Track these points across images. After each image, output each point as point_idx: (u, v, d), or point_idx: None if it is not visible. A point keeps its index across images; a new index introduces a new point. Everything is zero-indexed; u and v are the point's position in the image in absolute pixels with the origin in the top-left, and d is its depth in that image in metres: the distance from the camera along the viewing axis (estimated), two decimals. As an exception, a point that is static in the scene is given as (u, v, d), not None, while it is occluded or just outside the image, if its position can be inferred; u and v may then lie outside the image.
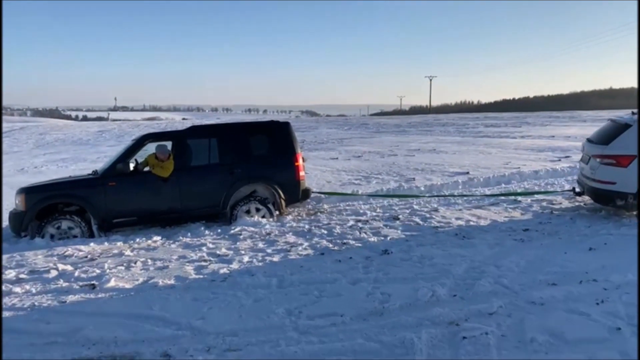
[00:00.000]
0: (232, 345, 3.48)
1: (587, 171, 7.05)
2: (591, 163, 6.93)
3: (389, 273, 4.84)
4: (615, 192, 6.54)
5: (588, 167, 7.04)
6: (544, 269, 4.76)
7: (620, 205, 6.64)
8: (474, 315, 3.78)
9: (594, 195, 6.99)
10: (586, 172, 7.12)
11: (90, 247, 6.30)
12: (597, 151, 6.85)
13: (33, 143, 32.76)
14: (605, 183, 6.64)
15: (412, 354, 3.22)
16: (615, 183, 6.52)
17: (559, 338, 3.34)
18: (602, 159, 6.69)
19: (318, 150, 19.00)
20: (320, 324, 3.75)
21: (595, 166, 6.79)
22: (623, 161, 6.46)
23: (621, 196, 6.50)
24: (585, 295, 4.07)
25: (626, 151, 6.46)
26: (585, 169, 7.22)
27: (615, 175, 6.52)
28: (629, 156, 6.42)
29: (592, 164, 6.88)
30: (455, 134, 26.21)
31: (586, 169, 7.14)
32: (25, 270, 5.38)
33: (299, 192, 7.85)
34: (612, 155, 6.58)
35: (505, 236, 6.11)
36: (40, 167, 18.49)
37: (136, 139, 7.69)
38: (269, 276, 4.88)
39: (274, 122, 8.33)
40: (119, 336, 3.67)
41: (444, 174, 11.70)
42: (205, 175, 7.46)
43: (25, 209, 6.79)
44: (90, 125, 51.63)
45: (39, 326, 3.89)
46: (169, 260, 5.63)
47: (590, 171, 6.93)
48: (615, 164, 6.53)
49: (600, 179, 6.70)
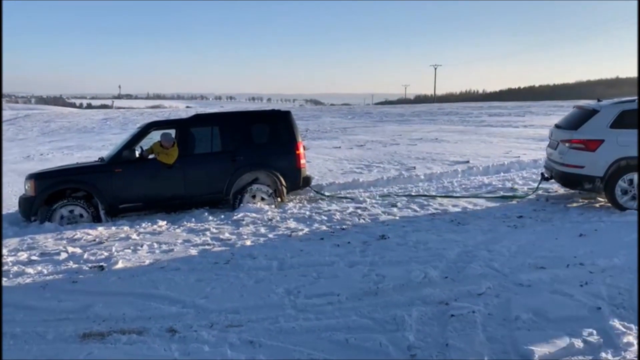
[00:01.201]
0: (234, 321, 3.69)
1: (556, 156, 7.22)
2: (560, 148, 7.10)
3: (384, 257, 5.04)
4: (583, 176, 6.75)
5: (557, 152, 7.20)
6: (534, 253, 4.95)
7: (588, 189, 6.85)
8: (463, 295, 3.97)
9: (562, 179, 7.18)
10: (555, 157, 7.29)
11: (97, 231, 6.53)
12: (565, 136, 7.03)
13: (38, 130, 33.08)
14: (573, 167, 6.83)
15: (402, 329, 3.42)
16: (584, 167, 6.72)
17: (542, 316, 3.54)
18: (570, 144, 6.87)
19: (321, 139, 19.16)
20: (317, 302, 3.96)
21: (564, 151, 6.96)
22: (591, 145, 6.66)
23: (589, 179, 6.71)
24: (571, 277, 4.26)
25: (594, 136, 6.67)
26: (553, 154, 7.38)
27: (584, 159, 6.71)
28: (597, 140, 6.63)
29: (561, 149, 7.05)
30: (459, 123, 26.30)
31: (555, 154, 7.31)
32: (36, 253, 5.62)
33: (300, 179, 8.04)
34: (580, 139, 6.77)
35: (499, 222, 6.30)
36: (46, 155, 18.76)
37: (141, 126, 7.89)
38: (270, 259, 5.09)
39: (275, 111, 8.51)
40: (127, 313, 3.89)
41: (444, 163, 11.86)
42: (208, 163, 7.67)
43: (35, 194, 7.02)
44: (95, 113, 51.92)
45: (52, 304, 4.12)
46: (174, 244, 5.85)
47: (559, 156, 7.10)
48: (584, 148, 6.72)
49: (569, 163, 6.89)
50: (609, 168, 6.56)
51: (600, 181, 6.63)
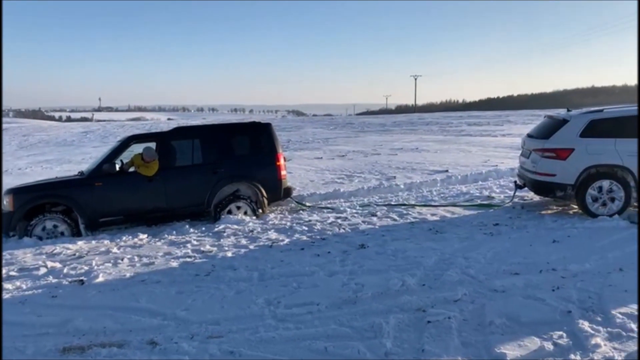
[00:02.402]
0: (215, 332, 3.73)
1: (529, 165, 7.40)
2: (532, 157, 7.29)
3: (363, 265, 5.12)
4: (555, 184, 6.94)
5: (529, 160, 7.39)
6: (508, 260, 5.08)
7: (559, 196, 7.05)
8: (439, 302, 4.07)
9: (534, 187, 7.38)
10: (527, 166, 7.48)
11: (77, 245, 6.50)
12: (537, 145, 7.23)
13: (16, 144, 32.53)
14: (546, 175, 7.02)
15: (380, 337, 3.49)
16: (555, 175, 6.92)
17: (514, 321, 3.65)
18: (542, 152, 7.07)
19: (303, 150, 19.27)
20: (297, 312, 4.02)
21: (537, 159, 7.15)
22: (562, 154, 6.86)
23: (561, 187, 6.91)
24: (544, 282, 4.39)
25: (565, 145, 6.88)
26: (526, 163, 7.57)
27: (556, 167, 6.91)
28: (568, 149, 6.84)
29: (534, 158, 7.24)
30: (439, 133, 26.65)
31: (527, 163, 7.49)
32: (15, 268, 5.57)
33: (281, 190, 8.12)
34: (552, 148, 6.97)
35: (476, 230, 6.43)
36: (24, 169, 18.46)
37: (121, 140, 7.90)
38: (250, 270, 5.13)
39: (255, 123, 8.59)
40: (108, 326, 3.90)
41: (424, 172, 12.04)
42: (189, 175, 7.69)
43: (14, 209, 6.96)
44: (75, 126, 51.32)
45: (31, 319, 4.11)
46: (154, 257, 5.86)
47: (531, 164, 7.29)
48: (555, 157, 6.92)
49: (541, 172, 7.07)
50: (579, 176, 6.75)
51: (571, 189, 6.83)
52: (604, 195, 6.77)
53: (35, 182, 8.06)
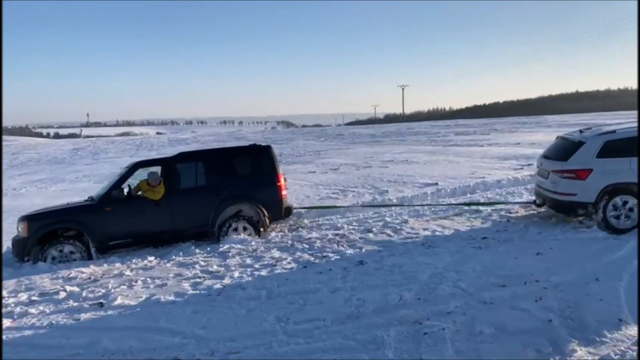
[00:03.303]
0: (232, 349, 4.12)
1: (548, 185, 7.80)
2: (551, 177, 7.69)
3: (363, 281, 5.54)
4: (576, 203, 7.34)
5: (548, 181, 7.79)
6: (496, 272, 5.53)
7: (581, 214, 7.47)
8: (434, 314, 4.50)
9: (555, 206, 7.79)
10: (546, 186, 7.87)
11: (91, 269, 6.85)
12: (557, 167, 7.63)
13: (6, 164, 32.56)
14: (566, 195, 7.42)
15: (382, 348, 3.91)
16: (576, 194, 7.32)
17: (502, 330, 4.08)
18: (562, 174, 7.47)
19: (296, 164, 19.67)
20: (305, 327, 4.42)
21: (557, 180, 7.55)
22: (581, 174, 7.28)
23: (582, 205, 7.32)
24: (528, 294, 4.84)
25: (584, 166, 7.31)
26: (544, 183, 7.97)
27: (576, 187, 7.31)
28: (587, 170, 7.27)
29: (553, 179, 7.63)
30: (427, 143, 27.22)
31: (546, 183, 7.89)
32: (35, 293, 5.92)
33: (282, 210, 8.53)
34: (571, 170, 7.37)
35: (465, 244, 6.88)
36: (19, 190, 18.66)
37: (129, 166, 8.31)
38: (258, 289, 5.52)
39: (256, 145, 8.98)
40: (133, 346, 4.27)
41: (414, 186, 12.50)
42: (193, 197, 8.09)
43: (28, 235, 7.34)
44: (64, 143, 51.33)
45: (61, 341, 4.47)
46: (166, 278, 6.23)
47: (551, 185, 7.68)
48: (575, 177, 7.33)
49: (562, 192, 7.47)
50: (599, 194, 7.15)
51: (592, 207, 7.23)
52: (623, 210, 7.15)
53: (47, 208, 8.42)
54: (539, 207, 8.47)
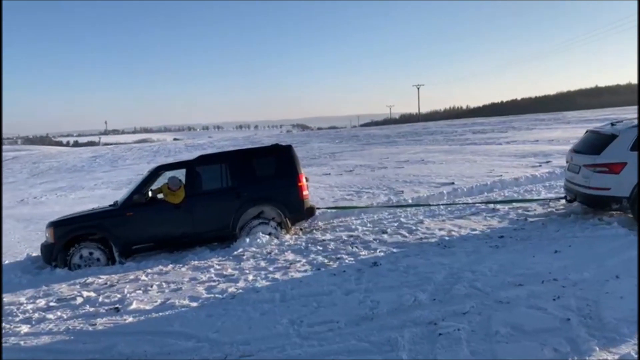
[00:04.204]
0: (246, 352, 4.11)
1: (580, 180, 7.60)
2: (583, 172, 7.49)
3: (378, 283, 5.49)
4: (610, 197, 7.15)
5: (580, 176, 7.60)
6: (513, 271, 5.43)
7: (615, 208, 7.28)
8: (449, 315, 4.43)
9: (588, 201, 7.58)
10: (578, 181, 7.67)
11: (107, 274, 6.93)
12: (588, 161, 7.44)
13: (28, 172, 33.27)
14: (600, 189, 7.23)
15: (396, 350, 3.86)
16: (610, 189, 7.13)
17: (518, 330, 4.00)
18: (595, 168, 7.29)
19: (311, 166, 19.66)
20: (319, 330, 4.39)
21: (589, 175, 7.36)
22: (615, 168, 7.09)
23: (616, 200, 7.13)
24: (545, 292, 4.74)
25: (617, 159, 7.11)
26: (576, 178, 7.77)
27: (610, 181, 7.12)
28: (620, 163, 7.07)
29: (585, 173, 7.43)
30: (443, 143, 27.04)
31: (577, 178, 7.69)
32: (53, 299, 6.01)
33: (304, 210, 8.47)
34: (604, 163, 7.19)
35: (482, 244, 6.78)
36: (40, 198, 18.99)
37: (150, 170, 8.40)
38: (272, 292, 5.51)
39: (276, 145, 8.94)
40: (148, 350, 4.29)
41: (430, 185, 12.40)
42: (214, 200, 8.12)
43: (55, 241, 7.50)
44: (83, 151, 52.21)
45: (78, 346, 4.51)
46: (181, 282, 6.27)
47: (583, 180, 7.48)
48: (609, 172, 7.14)
49: (594, 186, 7.28)
50: (634, 188, 6.95)
51: (626, 201, 7.04)
52: None
53: (72, 214, 8.57)
54: (570, 202, 8.29)
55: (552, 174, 12.36)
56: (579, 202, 7.93)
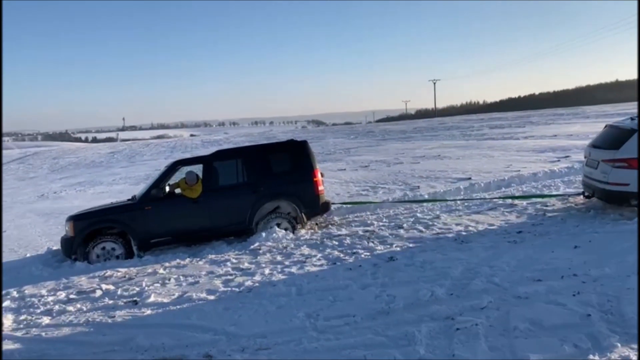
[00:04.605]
0: (263, 345, 4.12)
1: (598, 175, 7.47)
2: (602, 167, 7.36)
3: (394, 277, 5.47)
4: (629, 193, 7.02)
5: (598, 171, 7.46)
6: (531, 267, 5.36)
7: (634, 205, 7.13)
8: (467, 310, 4.39)
9: (606, 197, 7.45)
10: (596, 176, 7.54)
11: (126, 268, 7.01)
12: (607, 156, 7.31)
13: (48, 168, 33.81)
14: (619, 185, 7.10)
15: (413, 344, 3.84)
16: (629, 184, 6.99)
17: (537, 325, 3.95)
18: (614, 163, 7.17)
19: (326, 162, 19.65)
20: (335, 324, 4.38)
21: (608, 170, 7.24)
22: (634, 163, 6.94)
23: (635, 196, 6.97)
24: (565, 288, 4.67)
25: (636, 154, 6.93)
26: (594, 173, 7.63)
27: (629, 177, 6.98)
28: None
29: (604, 168, 7.31)
30: (460, 138, 26.78)
31: (595, 173, 7.56)
32: (73, 291, 6.10)
33: (319, 205, 8.47)
34: (624, 159, 7.06)
35: (500, 239, 6.71)
36: (59, 193, 19.29)
37: (168, 165, 8.48)
38: (288, 285, 5.53)
39: (292, 141, 8.94)
40: (166, 343, 4.33)
41: (447, 181, 12.31)
42: (231, 195, 8.17)
43: (74, 235, 7.62)
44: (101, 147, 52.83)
45: (97, 338, 4.58)
46: (198, 275, 6.32)
47: (602, 175, 7.36)
48: (628, 167, 7.01)
49: (613, 182, 7.16)
50: None
51: None
52: None
53: (92, 208, 8.71)
54: (588, 198, 8.17)
55: (571, 169, 12.18)
56: (597, 198, 7.80)
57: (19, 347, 4.53)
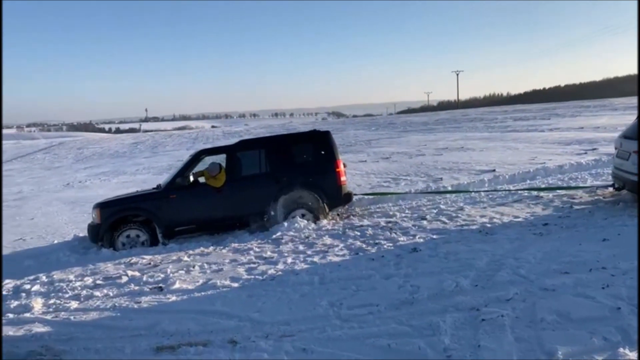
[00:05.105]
0: (286, 332, 4.14)
1: (629, 167, 7.25)
2: (633, 159, 7.15)
3: (417, 268, 5.43)
4: None
5: (629, 162, 7.24)
6: (558, 259, 5.27)
7: None
8: (492, 301, 4.34)
9: (637, 189, 7.19)
10: (627, 168, 7.33)
11: (151, 255, 7.12)
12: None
13: (72, 158, 34.46)
14: None
15: (438, 334, 3.81)
16: None
17: (565, 317, 3.88)
18: None
19: (347, 154, 19.59)
20: (359, 313, 4.38)
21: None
22: None
23: None
24: (593, 281, 4.58)
25: None
26: (625, 165, 7.42)
27: None
28: None
29: (636, 160, 7.09)
30: (484, 130, 26.44)
31: (626, 165, 7.34)
32: (100, 277, 6.22)
33: (342, 196, 8.47)
34: None
35: (525, 231, 6.61)
36: (84, 182, 19.64)
37: (192, 154, 8.55)
38: (311, 274, 5.54)
39: (315, 131, 8.93)
40: (191, 328, 4.39)
41: (470, 173, 12.16)
42: (254, 185, 8.22)
43: (101, 222, 7.76)
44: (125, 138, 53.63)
45: (124, 322, 4.66)
46: (222, 263, 6.38)
47: (632, 166, 7.15)
48: None
49: None
50: None
51: None
52: None
53: (118, 196, 8.87)
54: (618, 190, 7.97)
55: (599, 161, 11.93)
56: (628, 191, 7.60)
57: (49, 329, 4.65)
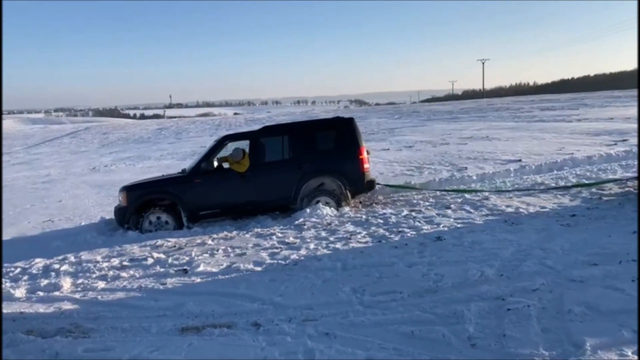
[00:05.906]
0: (309, 316, 4.16)
1: None
2: None
3: (442, 257, 5.39)
4: None
5: None
6: (586, 250, 5.17)
7: None
8: (518, 291, 4.28)
9: None
10: None
11: (175, 238, 7.22)
12: None
13: (98, 142, 35.04)
14: None
15: (462, 322, 3.78)
16: None
17: (593, 309, 3.81)
18: None
19: (369, 142, 19.37)
20: (382, 299, 4.37)
21: None
22: None
23: None
24: (623, 273, 4.47)
25: None
26: None
27: None
28: None
29: None
30: (509, 119, 25.97)
31: None
32: (126, 259, 6.34)
33: (364, 183, 8.44)
34: None
35: (552, 222, 6.49)
36: (110, 166, 19.97)
37: (217, 140, 8.60)
38: (333, 260, 5.54)
39: (339, 118, 8.90)
40: (215, 310, 4.44)
41: (496, 162, 11.97)
42: (277, 170, 8.24)
43: (127, 204, 7.89)
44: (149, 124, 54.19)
45: (150, 303, 4.74)
46: (245, 247, 6.43)
47: None
48: None
49: None
50: None
51: None
52: None
53: (144, 180, 9.00)
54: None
55: (629, 152, 11.61)
56: None
57: (78, 307, 4.76)
